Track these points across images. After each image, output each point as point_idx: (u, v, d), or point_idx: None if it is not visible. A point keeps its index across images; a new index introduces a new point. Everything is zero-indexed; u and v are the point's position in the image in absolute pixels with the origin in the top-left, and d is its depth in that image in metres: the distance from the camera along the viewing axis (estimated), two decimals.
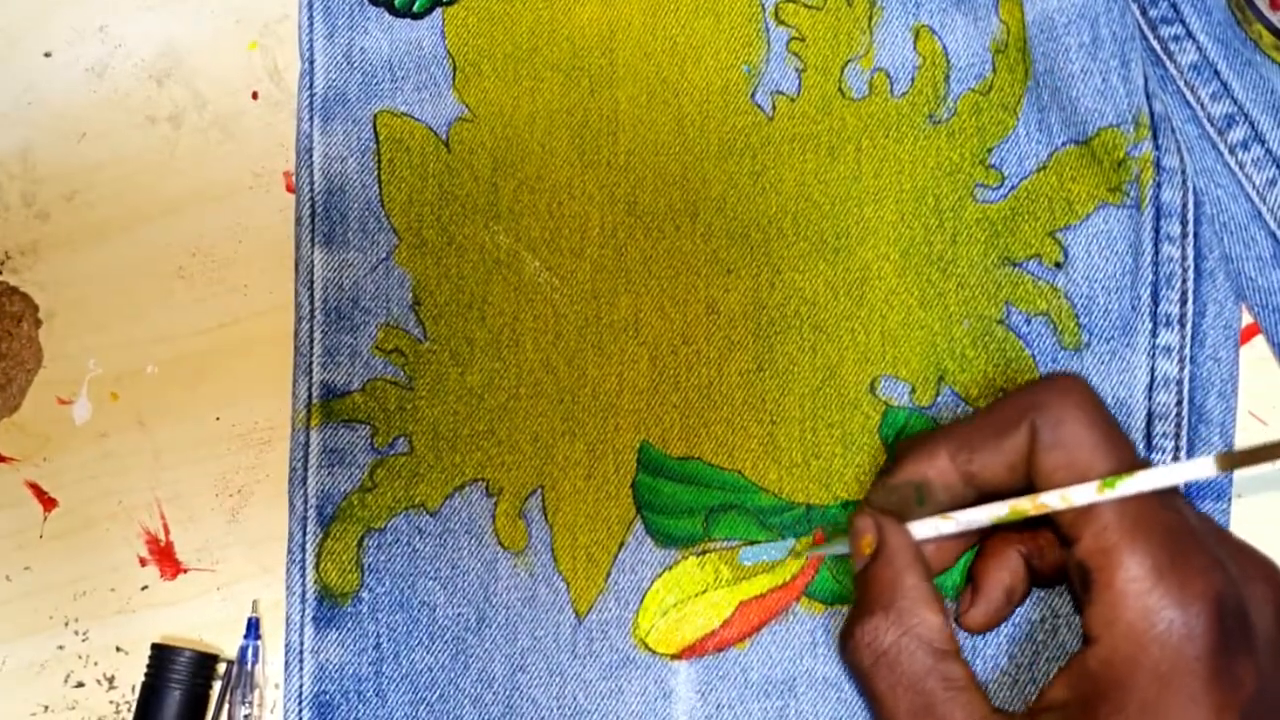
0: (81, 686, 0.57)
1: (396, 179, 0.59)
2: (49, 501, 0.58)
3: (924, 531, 0.50)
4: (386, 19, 0.60)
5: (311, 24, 0.60)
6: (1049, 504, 0.46)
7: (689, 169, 0.58)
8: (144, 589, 0.58)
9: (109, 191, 0.61)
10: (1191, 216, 0.55)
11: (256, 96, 0.61)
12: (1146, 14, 0.57)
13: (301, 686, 0.56)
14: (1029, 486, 0.48)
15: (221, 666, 0.56)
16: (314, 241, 0.59)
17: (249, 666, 0.56)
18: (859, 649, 0.48)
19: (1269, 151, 0.55)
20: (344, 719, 0.55)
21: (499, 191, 0.59)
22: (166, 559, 0.58)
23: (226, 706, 0.56)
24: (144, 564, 0.58)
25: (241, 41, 0.61)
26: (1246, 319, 0.56)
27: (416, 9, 0.60)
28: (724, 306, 0.57)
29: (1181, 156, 0.55)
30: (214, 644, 0.57)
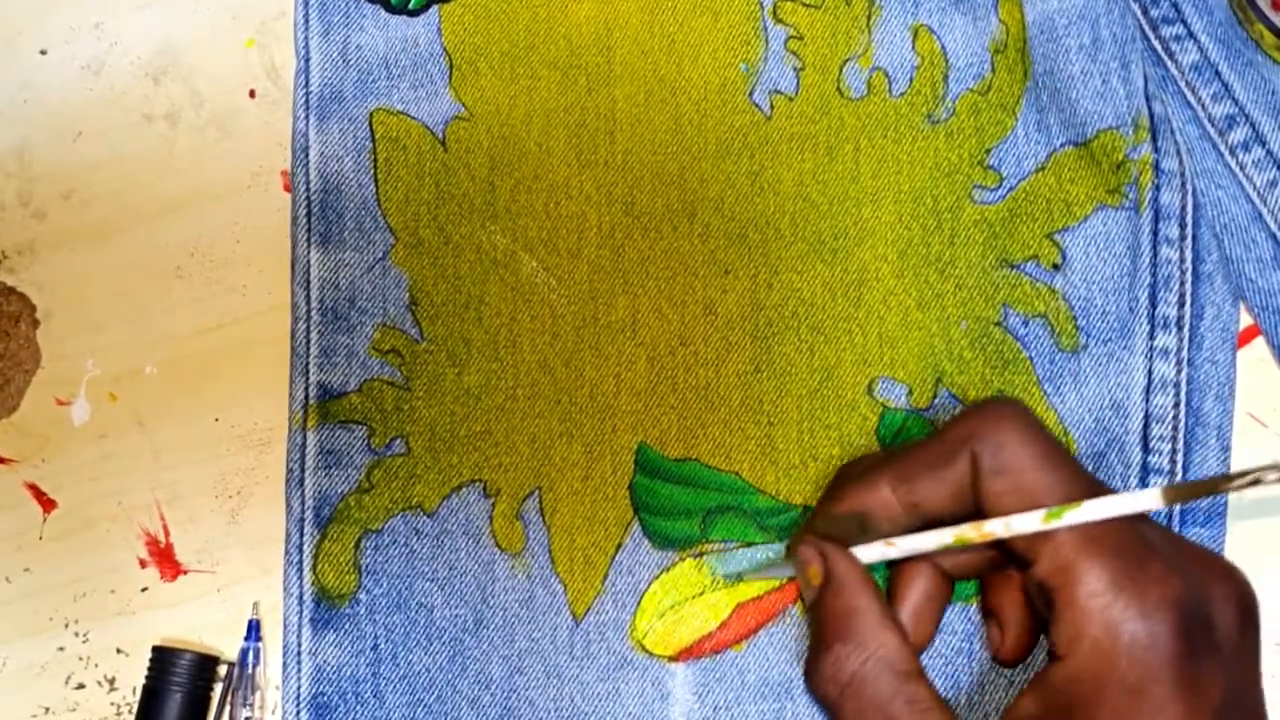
0: (82, 688, 0.57)
1: (393, 178, 0.59)
2: (48, 503, 0.59)
3: (869, 556, 0.49)
4: (383, 16, 0.60)
5: (307, 21, 0.60)
6: (994, 532, 0.47)
7: (686, 168, 0.58)
8: (144, 590, 0.58)
9: (106, 190, 0.60)
10: (1190, 219, 0.55)
11: (254, 95, 0.61)
12: (1148, 14, 0.56)
13: (299, 688, 0.56)
14: (978, 511, 0.47)
15: (222, 668, 0.56)
16: (310, 241, 0.58)
17: (250, 668, 0.56)
18: (824, 683, 0.48)
19: (1270, 153, 0.55)
20: None
21: (496, 191, 0.58)
22: (166, 560, 0.58)
23: (228, 709, 0.56)
24: (144, 565, 0.58)
25: (238, 39, 0.61)
26: (1245, 321, 0.56)
27: (413, 6, 0.60)
28: (721, 307, 0.57)
29: (1181, 159, 0.55)
30: (214, 645, 0.57)
